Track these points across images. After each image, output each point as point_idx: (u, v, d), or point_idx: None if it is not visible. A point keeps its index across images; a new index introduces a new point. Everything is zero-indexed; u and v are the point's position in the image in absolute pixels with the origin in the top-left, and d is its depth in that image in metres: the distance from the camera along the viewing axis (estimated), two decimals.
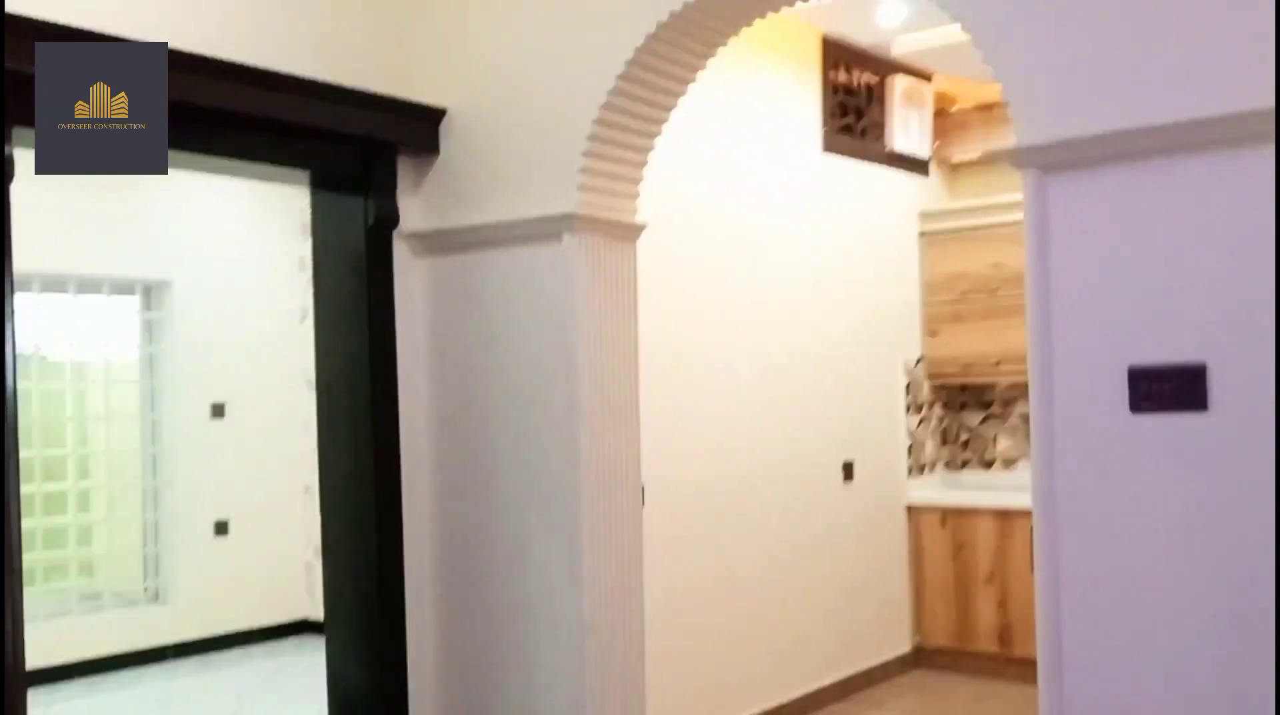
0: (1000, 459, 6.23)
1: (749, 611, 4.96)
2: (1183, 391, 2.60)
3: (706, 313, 4.82)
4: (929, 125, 6.12)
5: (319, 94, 3.66)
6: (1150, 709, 2.67)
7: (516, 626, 3.78)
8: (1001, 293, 5.82)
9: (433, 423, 4.01)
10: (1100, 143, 2.70)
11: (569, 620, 3.64)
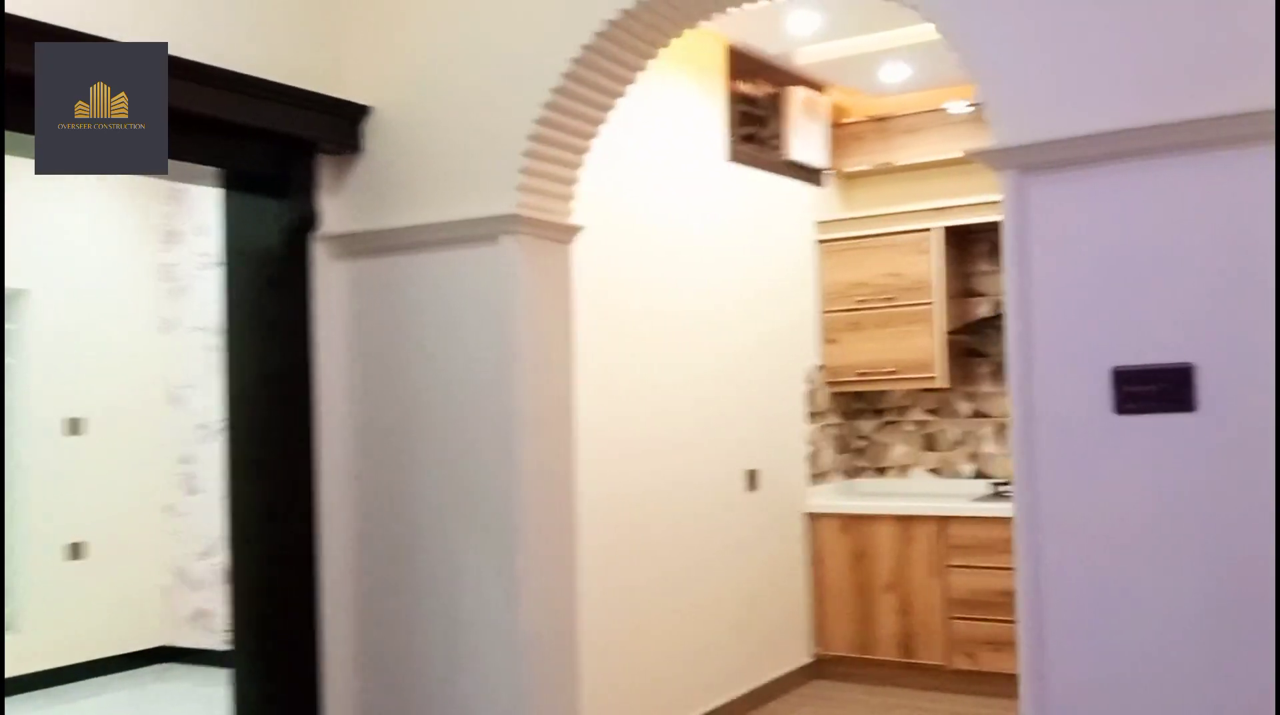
0: (895, 466, 6.29)
1: (654, 626, 4.86)
2: (1169, 392, 2.62)
3: (612, 321, 4.70)
4: (825, 136, 6.16)
5: (231, 85, 3.42)
6: (1135, 710, 2.67)
7: (449, 642, 3.60)
8: (899, 301, 5.89)
9: (353, 433, 3.79)
10: (1081, 144, 2.71)
11: (507, 634, 3.49)
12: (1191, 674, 2.62)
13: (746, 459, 5.54)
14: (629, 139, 4.84)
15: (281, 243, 3.69)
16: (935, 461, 6.18)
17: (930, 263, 5.82)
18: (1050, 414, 2.76)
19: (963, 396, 6.09)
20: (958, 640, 5.54)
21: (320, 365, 3.75)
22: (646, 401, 4.86)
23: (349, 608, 3.77)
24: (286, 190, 3.66)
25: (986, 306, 6.05)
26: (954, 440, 6.13)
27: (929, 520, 5.62)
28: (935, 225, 5.82)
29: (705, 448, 5.22)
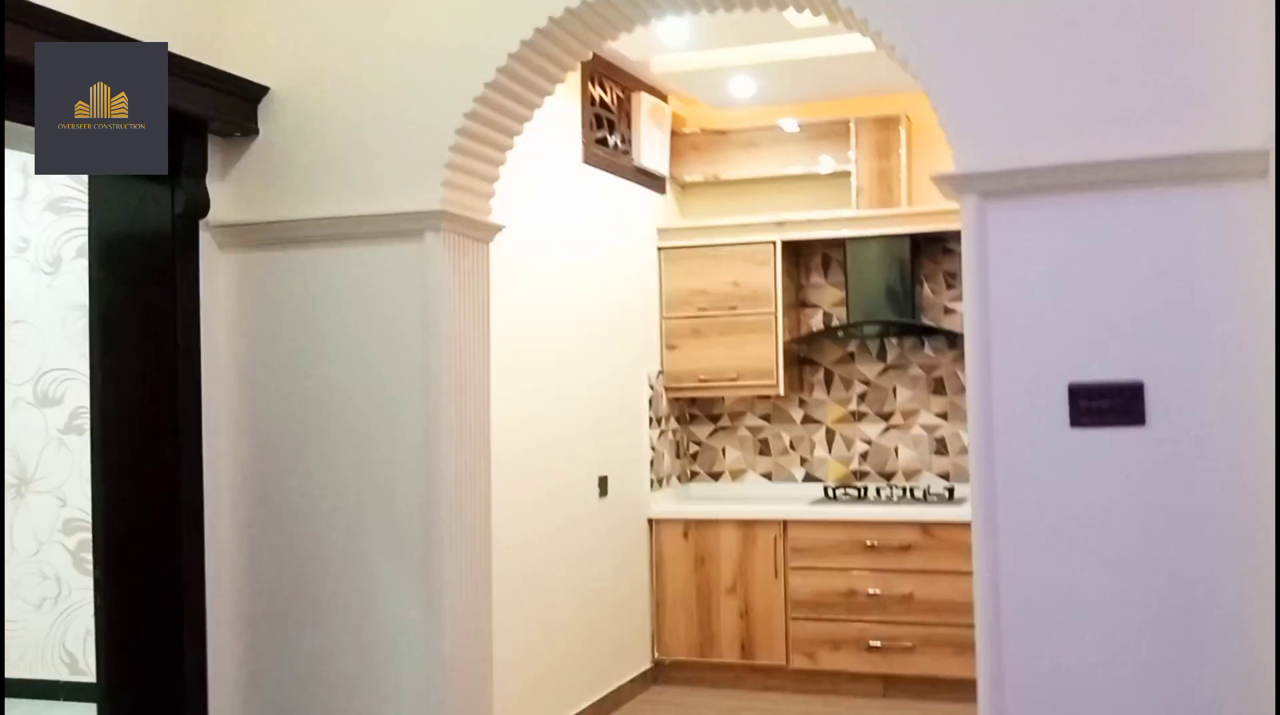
0: (728, 471, 6.39)
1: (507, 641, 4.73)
2: (1121, 407, 2.77)
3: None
4: (668, 144, 6.19)
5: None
6: (1089, 711, 2.81)
7: (358, 669, 3.38)
8: (740, 310, 5.99)
9: (242, 447, 3.51)
10: (1039, 174, 2.83)
11: (425, 660, 3.31)
12: (1142, 674, 2.78)
13: (598, 465, 5.50)
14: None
15: (167, 230, 3.36)
16: (768, 466, 6.32)
17: (771, 274, 5.95)
18: (1008, 427, 2.87)
19: (795, 403, 6.25)
20: (797, 641, 5.68)
21: (206, 366, 3.44)
22: (502, 406, 4.72)
23: (238, 634, 3.48)
24: (172, 172, 3.33)
25: (819, 318, 6.24)
26: (786, 446, 6.28)
27: (770, 524, 5.74)
28: (776, 238, 5.95)
29: (561, 455, 5.14)
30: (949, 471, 6.00)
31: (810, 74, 5.62)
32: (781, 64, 5.50)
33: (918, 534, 5.51)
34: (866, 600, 5.57)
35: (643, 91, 5.92)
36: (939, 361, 6.04)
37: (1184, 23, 2.75)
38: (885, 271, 5.89)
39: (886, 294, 5.89)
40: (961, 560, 5.37)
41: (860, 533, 5.61)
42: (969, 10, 2.91)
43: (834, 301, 6.21)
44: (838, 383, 6.20)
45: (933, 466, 6.04)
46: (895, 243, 5.85)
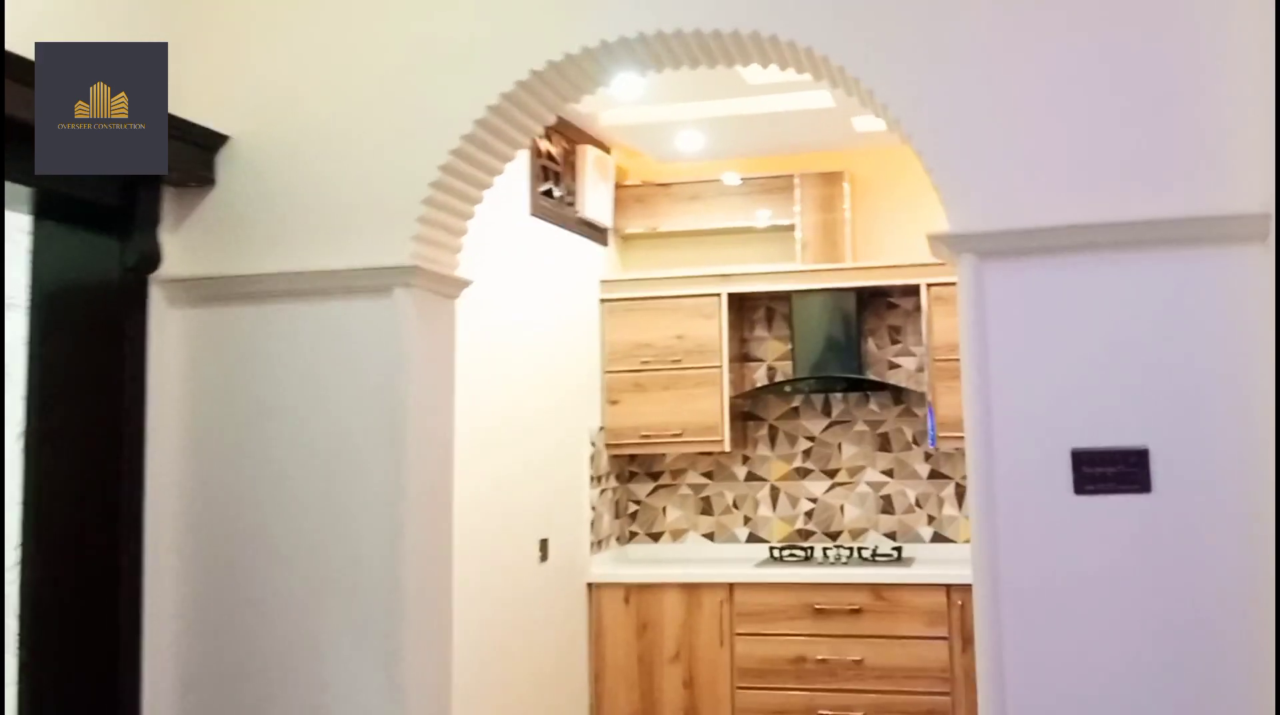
0: (669, 531, 6.26)
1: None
2: (1126, 474, 2.72)
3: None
4: (611, 196, 6.10)
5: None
6: None
7: None
8: (685, 363, 5.89)
9: (189, 517, 3.28)
10: (1039, 235, 2.79)
11: None
12: None
13: (539, 527, 5.32)
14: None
15: (114, 284, 3.15)
16: (710, 526, 6.20)
17: (717, 327, 5.87)
18: (1010, 493, 2.80)
19: (739, 460, 6.16)
20: (743, 711, 5.52)
21: (152, 430, 3.22)
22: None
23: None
24: (123, 223, 3.13)
25: (763, 372, 6.17)
26: (729, 504, 6.18)
27: (716, 587, 5.59)
28: (722, 290, 5.89)
29: (502, 516, 4.94)
30: (895, 530, 5.95)
31: (758, 129, 5.59)
32: (731, 119, 5.46)
33: (868, 596, 5.42)
34: (815, 667, 5.44)
35: (588, 144, 5.83)
36: (884, 417, 6.00)
37: (1185, 85, 2.75)
38: (831, 325, 5.86)
39: (832, 348, 5.85)
40: (914, 624, 5.32)
41: (808, 596, 5.49)
42: (964, 69, 2.87)
43: (778, 355, 6.15)
44: (782, 438, 6.12)
45: (879, 525, 5.98)
46: (840, 296, 5.82)
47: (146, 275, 3.20)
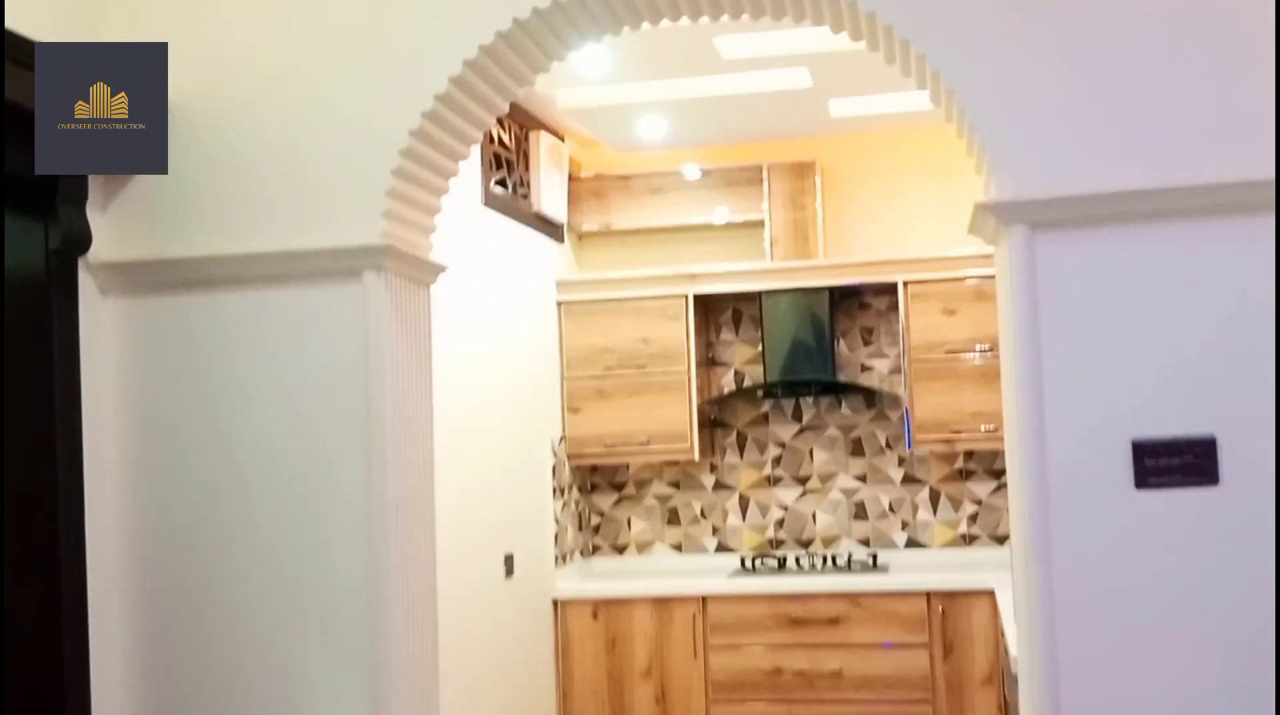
0: (634, 543, 5.93)
1: None
2: (1192, 466, 2.47)
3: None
4: (566, 189, 5.77)
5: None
6: None
7: None
8: (650, 368, 5.58)
9: (137, 530, 2.89)
10: (1097, 202, 2.52)
11: None
12: None
13: (504, 543, 4.96)
14: None
15: (39, 270, 2.75)
16: (677, 537, 5.88)
17: (683, 329, 5.57)
18: (1065, 488, 2.52)
19: (706, 469, 5.86)
20: None
21: (88, 434, 2.82)
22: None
23: None
24: (44, 198, 2.73)
25: (730, 377, 5.88)
26: (696, 514, 5.87)
27: (688, 600, 5.29)
28: (688, 291, 5.59)
29: (466, 531, 4.58)
30: (869, 537, 5.69)
31: (726, 113, 5.29)
32: (698, 101, 5.15)
33: (846, 605, 5.17)
34: (793, 678, 5.18)
35: (541, 130, 5.49)
36: (857, 421, 5.74)
37: (1242, 47, 2.51)
38: (802, 327, 5.58)
39: (803, 350, 5.57)
40: (893, 631, 5.09)
41: (784, 606, 5.22)
42: (1011, 27, 2.59)
43: (746, 359, 5.86)
44: (751, 445, 5.83)
45: (852, 532, 5.72)
46: (812, 296, 5.56)
47: (75, 258, 2.80)
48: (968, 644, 5.03)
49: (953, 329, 5.32)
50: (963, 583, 5.07)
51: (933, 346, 5.34)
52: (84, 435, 2.82)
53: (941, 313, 5.35)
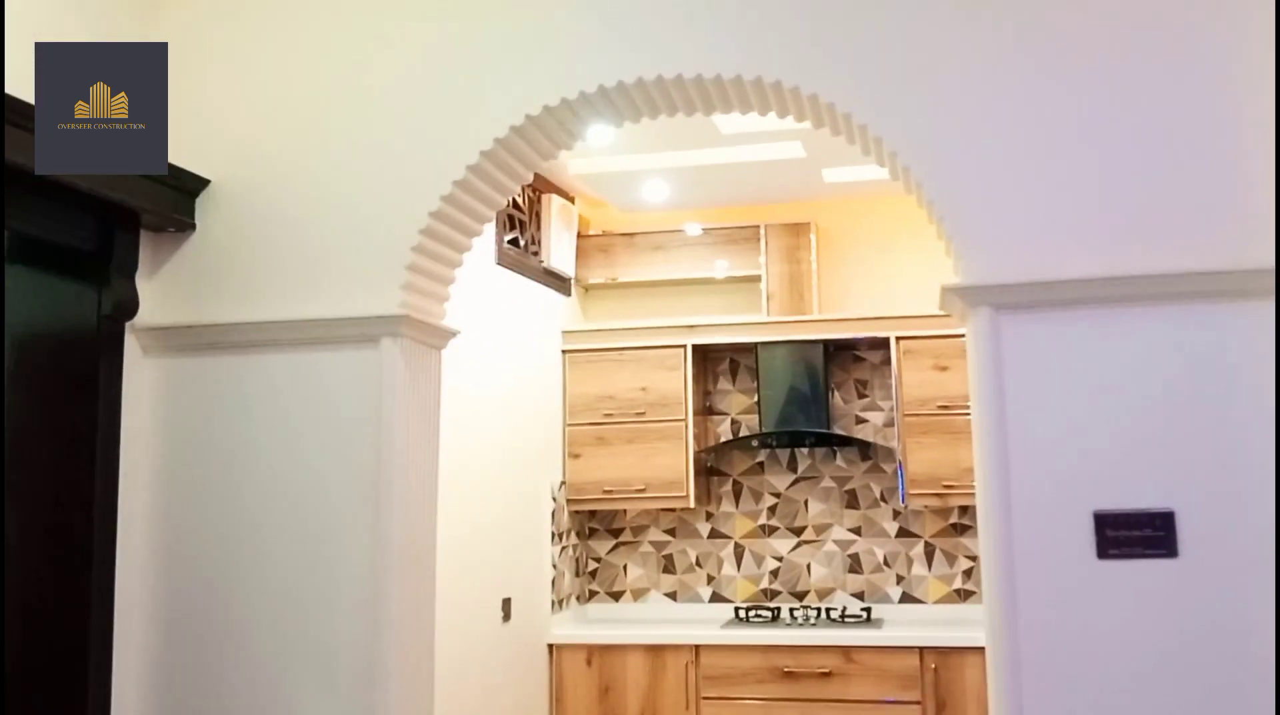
0: (630, 590, 6.09)
1: None
2: (1152, 538, 2.64)
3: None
4: (574, 246, 6.00)
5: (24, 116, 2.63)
6: None
7: None
8: (648, 416, 5.77)
9: (161, 575, 3.08)
10: (1058, 288, 2.72)
11: None
12: None
13: (502, 586, 5.14)
14: None
15: (90, 332, 2.96)
16: (672, 584, 6.05)
17: (681, 379, 5.77)
18: (1029, 557, 2.70)
19: (702, 517, 6.04)
20: None
21: (124, 479, 3.03)
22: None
23: None
24: (100, 269, 2.95)
25: (726, 426, 6.08)
26: (692, 562, 6.04)
27: (681, 649, 5.43)
28: (687, 342, 5.79)
29: (465, 574, 4.76)
30: (863, 590, 5.85)
31: (726, 179, 5.54)
32: (699, 169, 5.40)
33: (839, 659, 5.29)
34: None
35: (553, 193, 5.73)
36: (851, 473, 5.93)
37: (1204, 138, 2.71)
38: (797, 378, 5.78)
39: (798, 401, 5.76)
40: (886, 687, 5.20)
41: (777, 658, 5.35)
42: (975, 115, 2.81)
43: (742, 409, 6.06)
44: (747, 495, 6.02)
45: (846, 585, 5.88)
46: (807, 349, 5.75)
47: (123, 323, 3.02)
48: (960, 702, 5.10)
49: (945, 385, 5.47)
50: (956, 640, 5.15)
51: (925, 401, 5.51)
52: (121, 479, 3.02)
53: (933, 368, 5.52)
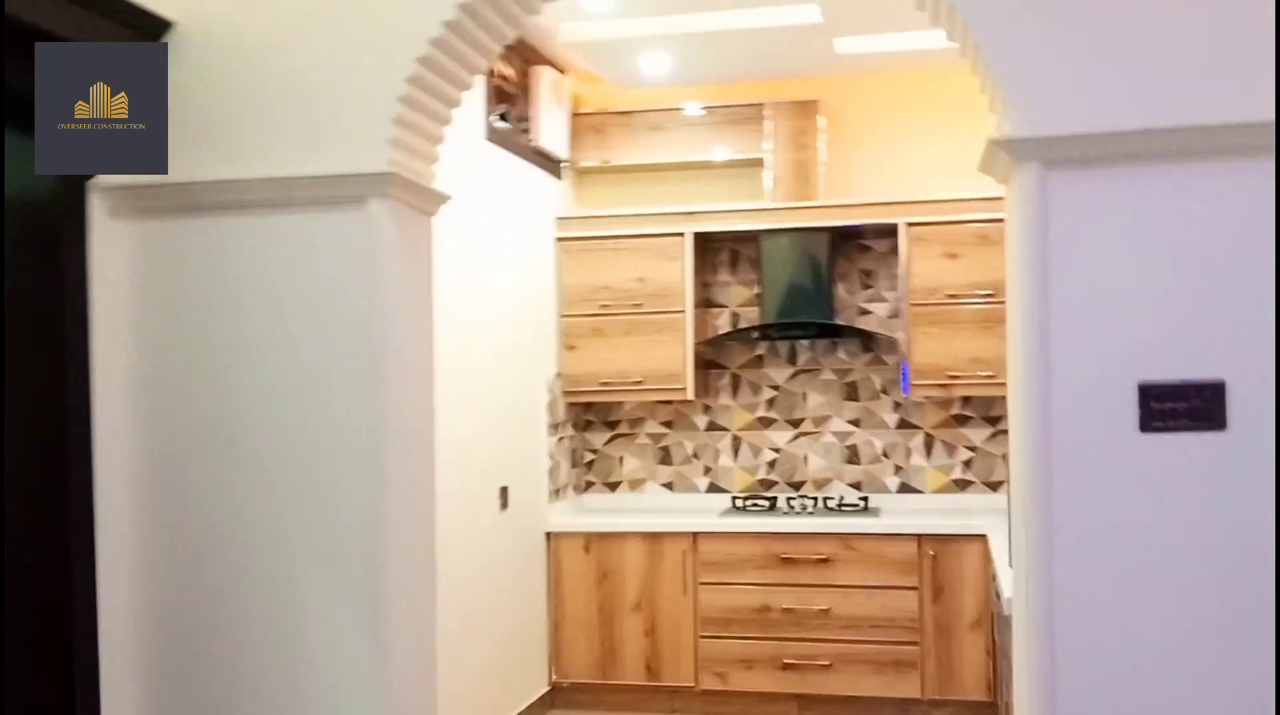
0: (627, 481, 5.95)
1: None
2: (1200, 410, 2.47)
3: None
4: (568, 125, 5.72)
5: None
6: None
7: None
8: (646, 308, 5.57)
9: (143, 455, 2.89)
10: (1111, 141, 2.50)
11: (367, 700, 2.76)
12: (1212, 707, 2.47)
13: (499, 475, 4.98)
14: None
15: (46, 193, 2.72)
16: (669, 475, 5.91)
17: (680, 269, 5.55)
18: (1069, 431, 2.53)
19: (700, 409, 5.87)
20: (707, 660, 5.29)
21: (97, 359, 2.81)
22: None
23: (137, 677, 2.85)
24: None
25: (726, 318, 5.87)
26: (689, 454, 5.89)
27: (679, 537, 5.33)
28: (687, 229, 5.56)
29: (462, 463, 4.60)
30: (861, 481, 5.72)
31: (731, 49, 5.23)
32: (702, 36, 5.09)
33: (837, 546, 5.20)
34: (781, 616, 5.23)
35: (543, 65, 5.43)
36: (853, 365, 5.75)
37: None
38: (800, 268, 5.56)
39: (801, 292, 5.55)
40: (882, 574, 5.13)
41: (775, 545, 5.26)
42: None
43: (742, 301, 5.85)
44: (745, 387, 5.84)
45: (844, 476, 5.74)
46: (811, 237, 5.52)
47: (83, 182, 2.77)
48: (958, 588, 5.07)
49: (954, 273, 5.30)
50: (955, 527, 5.10)
51: (932, 291, 5.33)
52: (93, 353, 2.81)
53: (943, 256, 5.33)
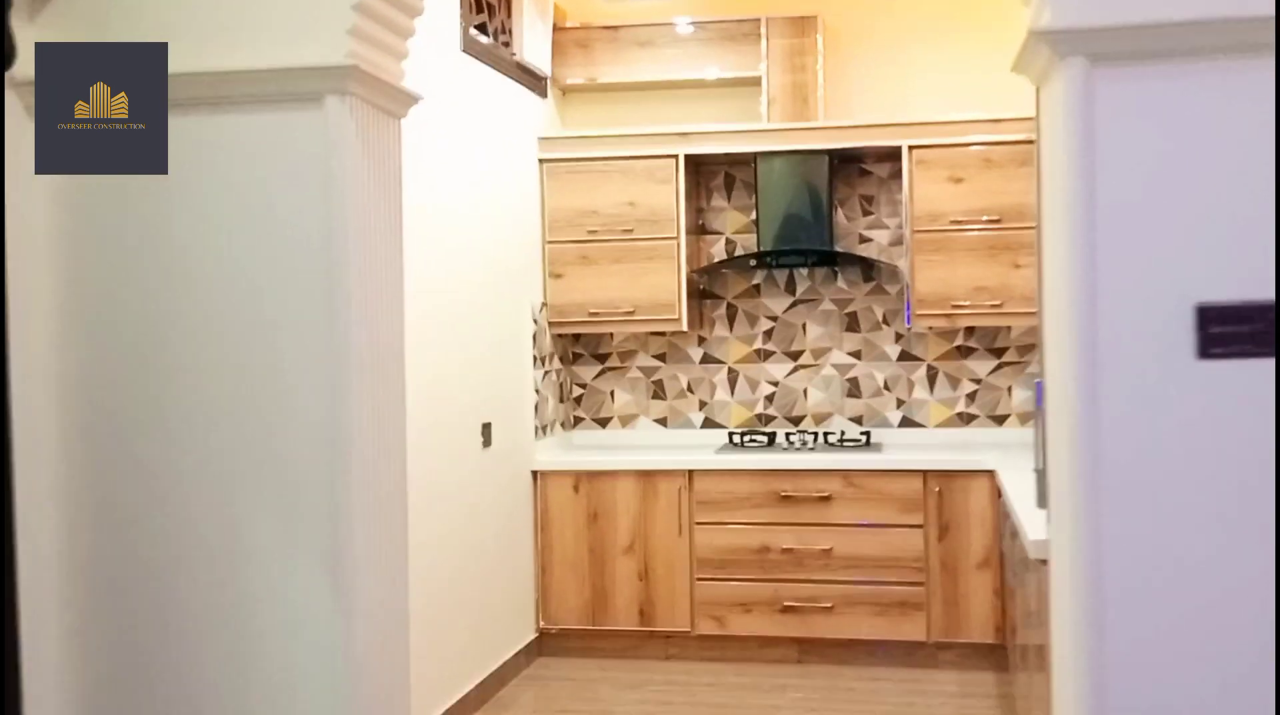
0: (617, 416, 5.68)
1: None
2: (1263, 334, 2.19)
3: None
4: (550, 39, 5.36)
5: None
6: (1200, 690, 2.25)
7: (240, 687, 2.53)
8: (637, 234, 5.26)
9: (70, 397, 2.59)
10: (1165, 32, 2.20)
11: (335, 657, 2.51)
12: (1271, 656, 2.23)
13: (481, 411, 4.70)
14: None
15: None
16: (662, 410, 5.64)
17: (673, 193, 5.23)
18: (1117, 359, 2.25)
19: (694, 342, 5.58)
20: (703, 603, 5.06)
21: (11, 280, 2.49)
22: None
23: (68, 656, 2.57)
24: None
25: (721, 246, 5.57)
26: (683, 388, 5.61)
27: (674, 475, 5.07)
28: (679, 151, 5.23)
29: (441, 398, 4.32)
30: (862, 415, 5.46)
31: None
32: None
33: (839, 483, 4.95)
34: (781, 557, 4.99)
35: None
36: (853, 295, 5.46)
37: None
38: (798, 193, 5.25)
39: (799, 218, 5.25)
40: (886, 512, 4.89)
41: (774, 483, 5.01)
42: None
43: (737, 228, 5.54)
44: (742, 318, 5.55)
45: (844, 410, 5.48)
46: (810, 160, 5.21)
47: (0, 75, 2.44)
48: (964, 526, 4.83)
49: (958, 199, 5.02)
50: (961, 462, 4.86)
51: (937, 216, 5.04)
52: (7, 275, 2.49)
53: (948, 180, 5.03)
